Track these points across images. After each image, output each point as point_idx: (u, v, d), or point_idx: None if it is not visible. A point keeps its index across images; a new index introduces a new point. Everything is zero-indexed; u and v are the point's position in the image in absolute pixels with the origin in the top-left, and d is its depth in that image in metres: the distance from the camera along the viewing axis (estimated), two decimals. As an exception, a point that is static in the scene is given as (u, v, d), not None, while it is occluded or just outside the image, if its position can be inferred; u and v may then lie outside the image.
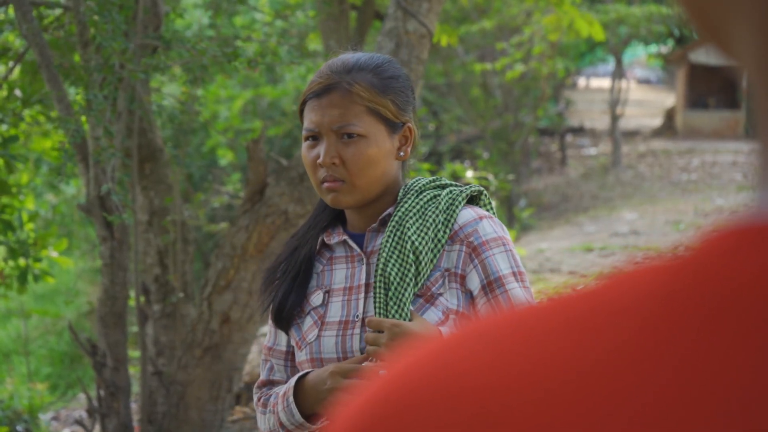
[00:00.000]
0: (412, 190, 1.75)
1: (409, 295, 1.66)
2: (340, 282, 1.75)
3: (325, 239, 1.78)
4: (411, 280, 1.67)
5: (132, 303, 4.62)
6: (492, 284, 1.65)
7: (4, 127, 4.45)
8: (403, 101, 1.74)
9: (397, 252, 1.68)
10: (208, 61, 3.68)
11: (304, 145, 1.73)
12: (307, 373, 1.69)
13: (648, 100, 31.40)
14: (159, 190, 4.60)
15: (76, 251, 9.99)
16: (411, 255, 1.67)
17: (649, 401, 0.31)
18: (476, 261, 1.66)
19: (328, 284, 1.76)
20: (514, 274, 1.66)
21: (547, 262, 9.16)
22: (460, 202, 1.71)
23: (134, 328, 6.74)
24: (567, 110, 22.54)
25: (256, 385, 1.84)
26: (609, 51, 19.38)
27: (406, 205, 1.72)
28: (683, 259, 0.35)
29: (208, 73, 3.92)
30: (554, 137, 20.60)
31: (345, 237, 1.76)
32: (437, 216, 1.70)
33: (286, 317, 1.77)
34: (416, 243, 1.67)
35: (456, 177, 9.11)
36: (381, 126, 1.70)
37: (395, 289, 1.66)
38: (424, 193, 1.74)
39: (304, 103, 1.74)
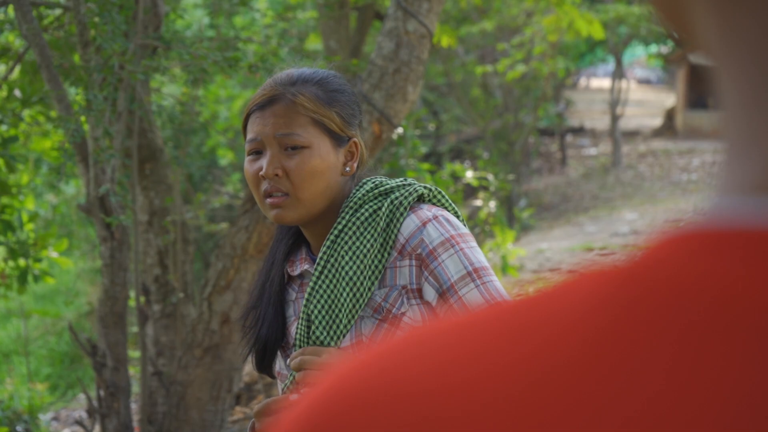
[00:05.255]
0: (350, 203, 1.68)
1: (344, 327, 1.63)
2: None
3: (289, 271, 1.75)
4: (345, 314, 1.63)
5: (132, 303, 4.63)
6: (446, 293, 1.59)
7: (4, 127, 4.45)
8: (348, 114, 1.70)
9: (325, 285, 1.65)
10: (208, 65, 3.67)
11: (247, 159, 1.68)
12: None
13: (648, 100, 31.40)
14: (159, 190, 4.60)
15: (76, 251, 9.98)
16: (347, 288, 1.63)
17: (584, 414, 0.31)
18: (426, 273, 1.60)
19: None
20: (468, 274, 1.58)
21: (547, 262, 9.17)
22: (401, 214, 1.64)
23: (134, 328, 6.74)
24: (567, 110, 22.53)
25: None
26: (609, 51, 19.37)
27: (340, 226, 1.66)
28: (630, 266, 0.34)
29: (208, 75, 3.92)
30: (554, 137, 20.62)
31: (306, 266, 1.72)
32: (375, 240, 1.63)
33: (267, 364, 1.77)
34: (351, 274, 1.63)
35: (456, 177, 9.10)
36: (326, 138, 1.66)
37: (316, 326, 1.65)
38: (364, 208, 1.67)
39: (247, 118, 1.70)
